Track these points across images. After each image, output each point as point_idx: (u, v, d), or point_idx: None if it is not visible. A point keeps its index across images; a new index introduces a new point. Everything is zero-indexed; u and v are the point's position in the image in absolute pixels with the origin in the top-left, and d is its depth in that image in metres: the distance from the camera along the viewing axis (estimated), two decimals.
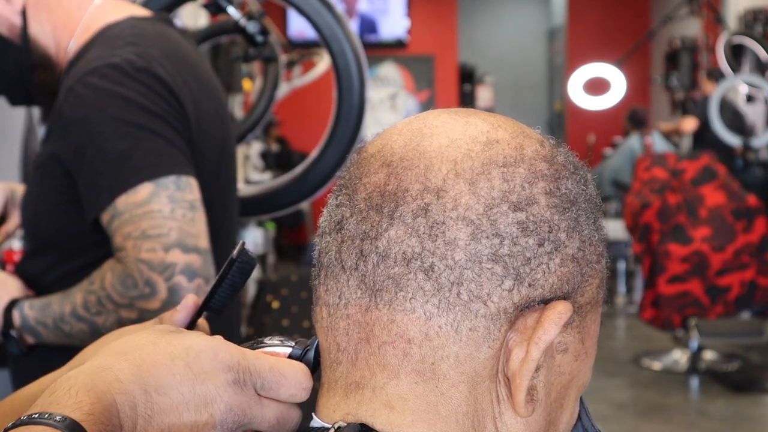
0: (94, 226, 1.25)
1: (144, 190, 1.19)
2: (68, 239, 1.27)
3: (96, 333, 1.23)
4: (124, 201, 1.19)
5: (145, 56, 1.26)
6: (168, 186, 1.20)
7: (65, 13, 1.35)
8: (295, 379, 0.63)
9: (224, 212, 1.41)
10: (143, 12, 1.39)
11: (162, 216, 1.19)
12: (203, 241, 1.22)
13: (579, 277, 0.61)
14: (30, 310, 1.28)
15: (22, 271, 1.36)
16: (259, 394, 0.62)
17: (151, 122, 1.22)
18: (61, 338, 1.27)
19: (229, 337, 0.65)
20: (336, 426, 0.59)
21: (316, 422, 0.63)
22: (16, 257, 1.41)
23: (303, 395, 0.63)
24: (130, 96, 1.22)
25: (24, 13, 1.34)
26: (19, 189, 1.45)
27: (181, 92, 1.27)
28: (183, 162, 1.23)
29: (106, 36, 1.32)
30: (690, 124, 6.51)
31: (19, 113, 2.55)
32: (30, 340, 1.29)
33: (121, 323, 1.21)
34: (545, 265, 0.59)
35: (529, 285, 0.59)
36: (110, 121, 1.21)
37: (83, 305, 1.24)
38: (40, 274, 1.33)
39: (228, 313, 1.42)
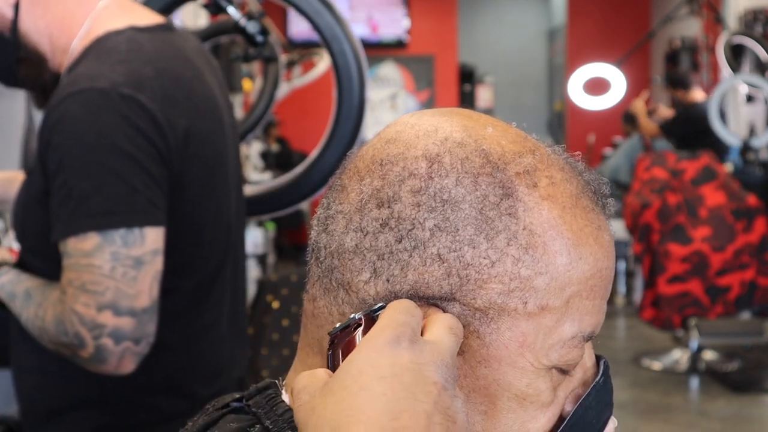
0: None
1: (91, 240, 1.20)
2: (52, 251, 1.27)
3: (43, 346, 1.28)
4: (73, 244, 1.21)
5: (135, 79, 1.25)
6: (115, 241, 1.20)
7: (66, 11, 1.34)
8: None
9: (219, 228, 1.41)
10: (146, 19, 1.37)
11: (101, 273, 1.20)
12: (143, 300, 1.22)
13: (456, 279, 0.60)
14: (1, 291, 1.33)
15: (22, 265, 1.36)
16: None
17: (119, 164, 1.21)
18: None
19: (222, 342, 0.68)
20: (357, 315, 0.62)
21: None
22: (16, 257, 1.41)
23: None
24: (104, 132, 1.22)
25: (17, 7, 1.33)
26: (18, 178, 1.47)
27: (167, 119, 1.26)
28: (142, 210, 1.22)
29: (102, 48, 1.30)
30: (666, 112, 6.59)
31: (20, 113, 2.55)
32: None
33: (59, 353, 1.25)
34: (404, 262, 0.61)
35: (387, 280, 0.61)
36: (79, 156, 1.21)
37: (32, 323, 1.28)
38: (36, 271, 1.34)
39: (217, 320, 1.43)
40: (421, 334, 0.59)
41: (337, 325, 0.60)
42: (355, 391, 0.54)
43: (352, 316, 0.60)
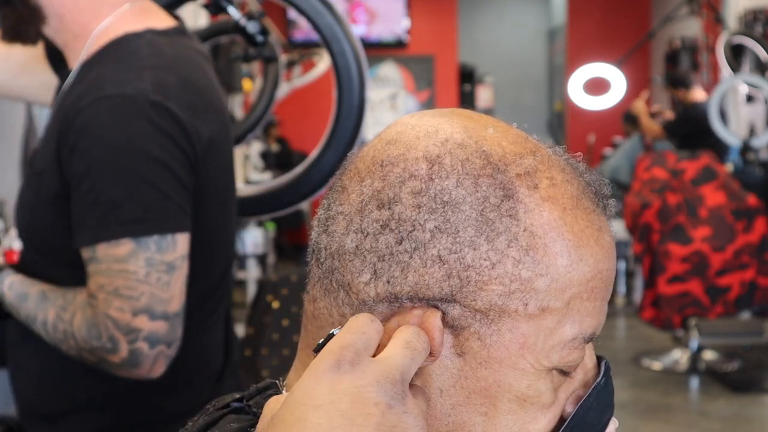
0: None
1: (125, 246, 1.20)
2: (61, 253, 1.27)
3: (61, 352, 1.27)
4: (104, 250, 1.21)
5: (162, 87, 1.25)
6: (149, 247, 1.21)
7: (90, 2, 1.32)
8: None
9: (226, 234, 1.43)
10: (163, 22, 1.36)
11: (136, 278, 1.20)
12: (175, 304, 1.23)
13: (457, 280, 0.60)
14: (9, 291, 1.32)
15: (22, 267, 1.36)
16: None
17: (150, 171, 1.21)
18: (30, 328, 1.31)
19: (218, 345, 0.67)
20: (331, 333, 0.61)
21: None
22: (16, 257, 1.41)
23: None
24: (135, 138, 1.21)
25: None
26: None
27: (193, 127, 1.26)
28: (173, 216, 1.23)
29: (123, 51, 1.30)
30: (667, 114, 6.58)
31: (20, 113, 2.54)
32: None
33: (81, 359, 1.25)
34: (404, 263, 0.60)
35: (387, 281, 0.61)
36: (109, 162, 1.21)
37: (53, 326, 1.27)
38: (38, 274, 1.34)
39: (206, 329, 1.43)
40: (379, 349, 0.58)
41: (320, 341, 0.59)
42: (291, 423, 0.53)
43: (331, 332, 0.59)
